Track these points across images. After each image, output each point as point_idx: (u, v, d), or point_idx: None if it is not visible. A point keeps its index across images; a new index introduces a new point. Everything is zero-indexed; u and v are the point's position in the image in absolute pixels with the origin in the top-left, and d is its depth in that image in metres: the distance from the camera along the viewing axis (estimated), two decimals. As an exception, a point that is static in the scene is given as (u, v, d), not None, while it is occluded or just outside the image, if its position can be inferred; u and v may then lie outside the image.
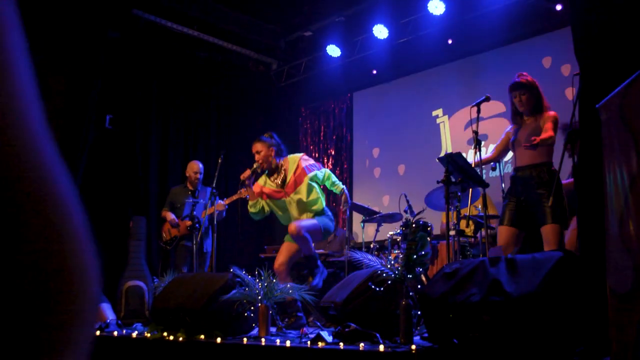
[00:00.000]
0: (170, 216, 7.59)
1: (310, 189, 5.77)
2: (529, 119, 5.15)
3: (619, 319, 2.43)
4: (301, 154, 6.04)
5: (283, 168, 5.88)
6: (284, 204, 5.90)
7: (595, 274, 2.72)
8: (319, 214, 5.82)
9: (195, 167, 7.79)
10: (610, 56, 2.92)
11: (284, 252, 5.86)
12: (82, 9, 8.13)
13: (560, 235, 4.79)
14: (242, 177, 5.83)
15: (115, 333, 5.21)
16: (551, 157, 5.05)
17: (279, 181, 5.87)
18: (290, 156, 5.96)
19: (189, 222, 7.40)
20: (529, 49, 8.34)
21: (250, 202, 5.96)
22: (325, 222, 5.81)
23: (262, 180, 5.99)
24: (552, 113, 5.07)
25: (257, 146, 5.85)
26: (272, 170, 5.94)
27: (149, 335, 4.85)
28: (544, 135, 4.88)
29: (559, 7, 7.63)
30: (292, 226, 5.55)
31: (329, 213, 5.93)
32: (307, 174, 5.77)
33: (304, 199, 5.76)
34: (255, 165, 5.84)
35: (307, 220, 5.69)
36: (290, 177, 5.80)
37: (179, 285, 5.22)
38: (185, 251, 7.44)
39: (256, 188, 5.96)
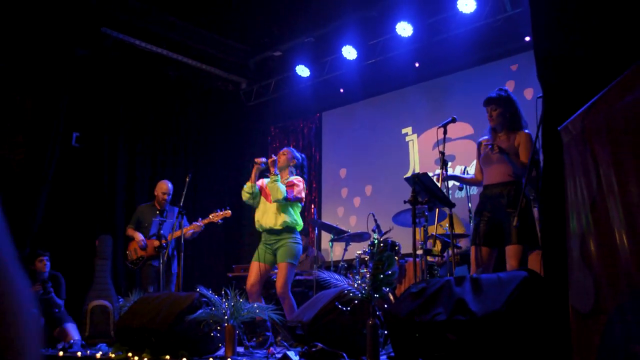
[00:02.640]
0: (139, 237, 7.42)
1: (291, 205, 5.89)
2: (502, 136, 5.06)
3: (581, 337, 2.47)
4: (299, 177, 6.12)
5: (284, 179, 5.99)
6: (265, 205, 5.98)
7: (559, 293, 2.76)
8: (290, 230, 5.85)
9: (164, 188, 7.66)
10: (572, 79, 2.98)
11: (254, 272, 5.86)
12: (50, 26, 8.08)
13: (522, 255, 4.73)
14: (257, 160, 5.95)
15: (79, 354, 5.14)
16: (521, 177, 4.96)
17: None
18: (294, 176, 6.08)
19: (157, 242, 7.25)
20: (495, 72, 8.47)
21: (248, 184, 6.00)
22: (297, 250, 5.90)
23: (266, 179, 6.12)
24: (526, 134, 4.97)
25: (287, 151, 6.15)
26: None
27: (113, 355, 4.78)
28: (514, 159, 4.86)
29: (527, 39, 7.64)
30: (277, 287, 5.75)
31: (298, 236, 5.95)
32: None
33: (282, 211, 5.85)
34: (272, 158, 5.93)
35: (285, 275, 5.74)
36: None
37: (144, 305, 5.16)
38: (152, 271, 7.31)
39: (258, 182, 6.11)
